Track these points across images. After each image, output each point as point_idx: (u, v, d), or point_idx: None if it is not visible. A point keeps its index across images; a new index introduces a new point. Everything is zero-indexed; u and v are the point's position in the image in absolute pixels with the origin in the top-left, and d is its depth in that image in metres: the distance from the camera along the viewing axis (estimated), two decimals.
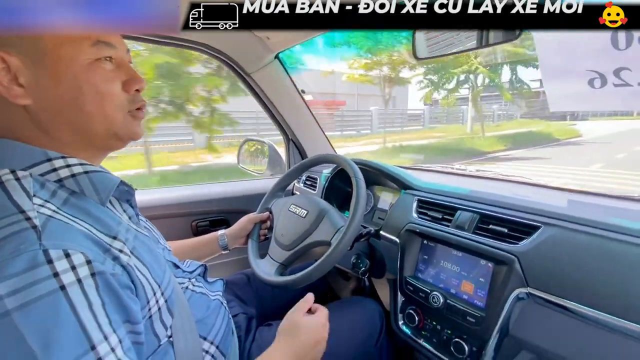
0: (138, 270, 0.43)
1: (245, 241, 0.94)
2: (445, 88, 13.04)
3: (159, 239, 0.64)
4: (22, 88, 0.40)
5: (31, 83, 0.41)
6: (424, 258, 0.82)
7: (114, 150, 0.51)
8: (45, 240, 0.34)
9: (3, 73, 0.39)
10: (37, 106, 0.41)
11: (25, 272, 0.32)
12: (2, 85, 0.39)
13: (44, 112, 0.42)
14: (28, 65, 0.40)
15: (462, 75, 12.40)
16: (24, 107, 0.41)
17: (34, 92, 0.41)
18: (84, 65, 0.43)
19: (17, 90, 0.40)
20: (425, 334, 0.79)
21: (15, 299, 0.30)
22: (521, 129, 14.92)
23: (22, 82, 0.40)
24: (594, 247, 0.58)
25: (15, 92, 0.40)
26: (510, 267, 0.64)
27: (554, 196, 0.88)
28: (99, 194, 0.44)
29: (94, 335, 0.33)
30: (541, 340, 0.59)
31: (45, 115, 0.42)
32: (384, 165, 1.06)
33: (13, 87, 0.40)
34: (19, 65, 0.40)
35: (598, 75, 0.64)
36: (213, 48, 1.13)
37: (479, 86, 12.87)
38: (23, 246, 0.33)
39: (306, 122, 1.44)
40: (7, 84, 0.39)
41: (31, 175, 0.40)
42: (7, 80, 0.39)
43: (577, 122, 20.62)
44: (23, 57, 0.40)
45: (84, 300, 0.33)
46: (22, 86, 0.40)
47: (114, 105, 0.46)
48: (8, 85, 0.40)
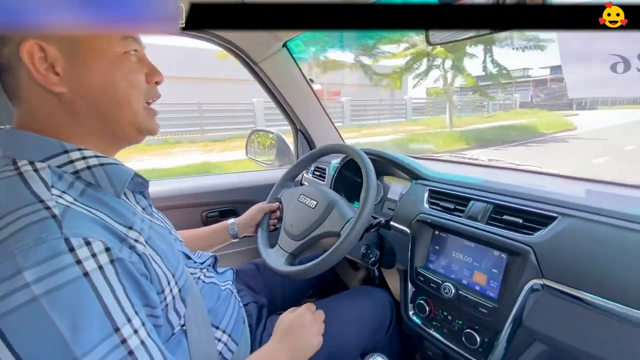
0: (153, 260, 0.44)
1: (255, 230, 0.94)
2: (418, 75, 11.44)
3: (170, 230, 0.65)
4: (58, 76, 0.41)
5: (67, 72, 0.42)
6: (435, 249, 0.81)
7: (131, 144, 0.52)
8: (65, 229, 0.34)
9: (41, 61, 0.40)
10: (72, 94, 0.43)
11: (49, 259, 0.32)
12: (40, 73, 0.40)
13: (79, 99, 0.43)
14: (65, 55, 0.41)
15: (428, 60, 11.19)
16: (57, 95, 0.42)
17: (69, 80, 0.42)
18: (115, 57, 0.45)
19: (53, 78, 0.41)
20: (436, 324, 0.78)
21: (42, 285, 0.31)
22: (508, 121, 13.87)
23: (58, 71, 0.41)
24: (613, 238, 0.56)
25: (52, 80, 0.41)
26: (525, 258, 0.63)
27: (570, 186, 0.86)
28: (114, 186, 0.45)
29: (117, 318, 0.34)
30: (556, 332, 0.59)
31: (79, 103, 0.44)
32: (395, 155, 1.04)
33: (50, 75, 0.41)
34: (56, 54, 0.41)
35: (621, 59, 0.61)
36: (220, 37, 1.11)
37: (446, 71, 11.54)
38: (45, 235, 0.33)
39: (314, 112, 1.43)
40: (45, 72, 0.41)
41: (49, 167, 0.40)
42: (44, 69, 0.40)
43: (582, 111, 19.92)
44: (60, 46, 0.41)
45: (106, 286, 0.35)
46: (58, 74, 0.41)
47: (139, 95, 0.48)
48: (45, 74, 0.41)
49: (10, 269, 0.31)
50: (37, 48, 0.39)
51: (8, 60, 0.41)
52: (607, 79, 0.64)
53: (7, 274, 0.31)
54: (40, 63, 0.40)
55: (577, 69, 0.67)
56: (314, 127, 1.45)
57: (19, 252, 0.32)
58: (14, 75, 0.42)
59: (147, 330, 0.38)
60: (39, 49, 0.40)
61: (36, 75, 0.40)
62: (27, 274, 0.31)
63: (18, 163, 0.39)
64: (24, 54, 0.39)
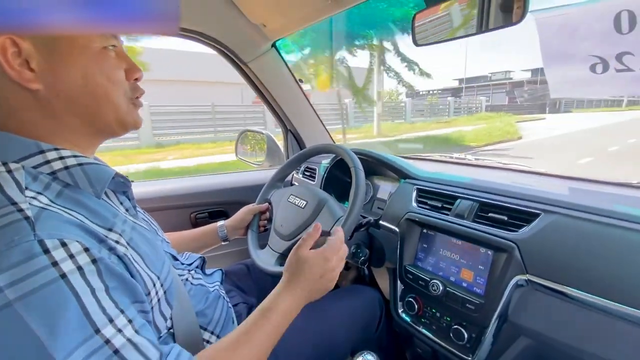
0: (135, 261, 0.43)
1: (244, 232, 0.94)
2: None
3: (157, 231, 0.64)
4: (33, 73, 0.40)
5: (43, 68, 0.40)
6: (424, 247, 0.82)
7: (113, 137, 0.51)
8: (39, 231, 0.33)
9: (14, 57, 0.39)
10: (48, 91, 0.41)
11: (23, 263, 0.31)
12: (14, 69, 0.39)
13: (55, 97, 0.42)
14: (40, 51, 0.40)
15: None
16: (33, 92, 0.41)
17: (45, 77, 0.41)
18: (94, 52, 0.44)
19: (28, 75, 0.40)
20: (424, 321, 0.79)
21: (15, 289, 0.30)
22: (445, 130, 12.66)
23: (33, 67, 0.40)
24: (594, 233, 0.58)
25: (27, 76, 0.40)
26: (510, 255, 0.64)
27: (555, 184, 0.88)
28: (94, 186, 0.44)
29: (97, 319, 0.34)
30: (540, 326, 0.60)
31: (56, 101, 0.42)
32: (383, 155, 1.05)
33: (24, 71, 0.40)
34: (31, 49, 0.39)
35: (600, 60, 0.63)
36: (208, 36, 1.10)
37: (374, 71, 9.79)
38: (17, 237, 0.32)
39: (304, 112, 1.43)
40: (19, 68, 0.39)
41: (23, 168, 0.39)
42: (17, 64, 0.39)
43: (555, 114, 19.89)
44: (35, 42, 0.40)
45: (85, 286, 0.34)
46: (32, 71, 0.40)
47: (119, 91, 0.47)
48: (20, 69, 0.39)
49: None
50: (9, 42, 0.38)
51: None
52: (587, 79, 0.66)
53: None
54: (14, 58, 0.39)
55: (558, 69, 0.69)
56: (304, 128, 1.45)
57: None
58: None
59: (135, 327, 0.37)
60: (12, 44, 0.38)
61: (9, 71, 0.39)
62: (0, 279, 0.30)
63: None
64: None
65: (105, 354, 0.33)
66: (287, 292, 0.56)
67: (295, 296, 0.56)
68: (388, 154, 1.07)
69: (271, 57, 1.22)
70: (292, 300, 0.55)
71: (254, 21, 1.05)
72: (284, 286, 0.57)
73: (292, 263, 0.60)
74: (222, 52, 1.18)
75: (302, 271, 0.58)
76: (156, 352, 0.38)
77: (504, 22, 0.67)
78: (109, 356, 0.33)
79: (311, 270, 0.58)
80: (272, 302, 0.55)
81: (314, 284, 0.58)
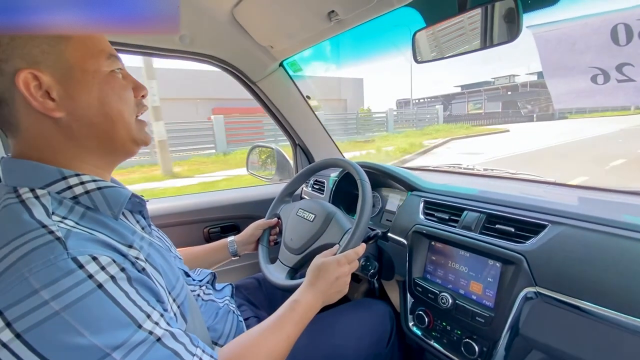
0: (153, 277, 0.45)
1: (254, 247, 0.96)
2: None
3: (170, 248, 0.66)
4: (54, 102, 0.44)
5: (62, 96, 0.44)
6: (432, 259, 0.82)
7: (128, 157, 0.54)
8: (70, 249, 0.37)
9: (36, 89, 0.42)
10: (69, 117, 0.45)
11: (63, 278, 0.35)
12: (37, 100, 0.42)
13: (75, 121, 0.46)
14: (58, 80, 0.44)
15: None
16: (55, 120, 0.44)
17: (65, 104, 0.44)
18: (105, 76, 0.47)
19: (50, 104, 0.43)
20: (435, 334, 0.79)
21: (59, 301, 0.34)
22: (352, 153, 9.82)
23: (54, 97, 0.44)
24: (603, 245, 0.57)
25: (49, 106, 0.43)
26: (518, 267, 0.64)
27: (563, 193, 0.87)
28: (112, 209, 0.47)
29: (137, 317, 0.38)
30: (552, 340, 0.59)
31: (76, 125, 0.46)
32: (390, 167, 1.06)
33: (47, 101, 0.43)
34: (50, 81, 0.43)
35: (600, 71, 0.64)
36: (218, 59, 1.16)
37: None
38: (53, 257, 0.35)
39: (312, 127, 1.46)
40: (42, 99, 0.43)
41: (49, 194, 0.42)
42: (40, 96, 0.43)
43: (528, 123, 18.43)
44: (53, 73, 0.43)
45: (120, 291, 0.38)
46: (54, 100, 0.44)
47: (130, 110, 0.51)
48: (42, 100, 0.43)
49: (24, 291, 0.33)
50: (31, 77, 0.41)
51: (2, 93, 0.42)
52: (589, 90, 0.67)
53: (22, 295, 0.33)
54: (36, 91, 0.42)
55: (560, 81, 0.70)
56: (312, 142, 1.48)
57: (30, 275, 0.34)
58: (9, 107, 0.43)
59: (166, 319, 0.41)
60: (33, 78, 0.42)
61: (34, 103, 0.42)
62: (44, 293, 0.33)
63: (19, 190, 0.42)
64: (20, 84, 0.41)
65: (149, 342, 0.37)
66: (309, 289, 0.64)
67: (317, 293, 0.64)
68: (394, 167, 1.08)
69: (279, 76, 1.27)
70: (314, 297, 0.63)
71: (261, 43, 1.10)
72: (307, 285, 0.65)
73: (313, 266, 0.68)
74: (233, 73, 1.24)
75: (320, 273, 0.66)
76: (188, 338, 0.43)
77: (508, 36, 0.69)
78: (152, 344, 0.38)
79: (327, 273, 0.66)
80: (299, 295, 0.63)
81: (330, 286, 0.66)
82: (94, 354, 0.34)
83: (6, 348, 0.32)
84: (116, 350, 0.34)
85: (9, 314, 0.32)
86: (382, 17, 0.85)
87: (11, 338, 0.32)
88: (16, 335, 0.32)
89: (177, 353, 0.39)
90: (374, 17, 0.85)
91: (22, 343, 0.32)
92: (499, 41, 0.69)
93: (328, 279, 0.65)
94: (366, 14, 0.84)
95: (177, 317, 0.49)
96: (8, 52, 0.41)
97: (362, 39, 10.80)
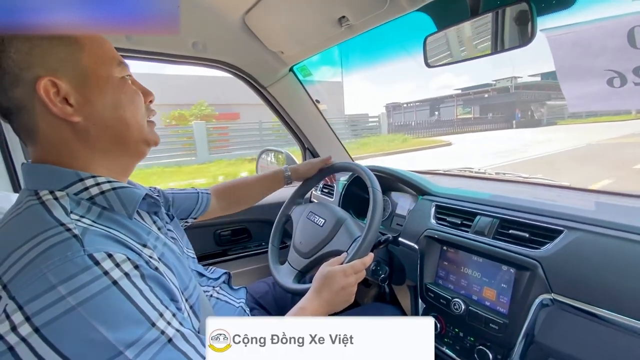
0: (166, 276, 0.46)
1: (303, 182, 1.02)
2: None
3: (184, 248, 0.68)
4: (72, 107, 0.45)
5: (80, 102, 0.46)
6: (444, 264, 0.81)
7: (141, 158, 0.56)
8: (87, 247, 0.38)
9: (55, 96, 0.44)
10: (86, 122, 0.47)
11: (79, 274, 0.36)
12: (57, 106, 0.44)
13: (92, 125, 0.47)
14: (75, 87, 0.45)
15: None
16: (73, 124, 0.46)
17: (82, 109, 0.46)
18: (117, 81, 0.49)
19: (68, 110, 0.45)
20: (447, 341, 0.78)
21: (76, 296, 0.35)
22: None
23: (72, 102, 0.45)
24: (619, 251, 0.56)
25: (68, 111, 0.45)
26: (533, 273, 0.63)
27: (579, 198, 0.85)
28: (126, 208, 0.48)
29: (151, 314, 0.38)
30: (569, 348, 0.58)
31: (93, 129, 0.48)
32: (400, 171, 1.06)
33: (65, 107, 0.45)
34: (68, 87, 0.45)
35: (617, 74, 0.63)
36: (230, 65, 1.18)
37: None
38: (70, 253, 0.37)
39: (322, 131, 1.47)
40: (61, 105, 0.45)
41: (68, 195, 0.44)
42: (59, 102, 0.45)
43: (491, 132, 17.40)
44: (70, 80, 0.45)
45: (134, 289, 0.38)
46: (72, 105, 0.45)
47: (141, 113, 0.53)
48: (62, 106, 0.45)
49: (43, 286, 0.35)
50: (50, 84, 0.43)
51: (22, 101, 0.44)
52: (605, 93, 0.65)
53: (40, 290, 0.34)
54: (55, 97, 0.44)
55: (575, 84, 0.69)
56: (321, 146, 1.49)
57: (48, 271, 0.35)
58: (29, 114, 0.45)
59: (179, 319, 0.42)
60: (52, 85, 0.44)
61: (54, 109, 0.44)
62: (61, 288, 0.34)
63: (40, 193, 0.43)
64: (41, 91, 0.43)
65: (161, 343, 0.38)
66: (315, 297, 0.64)
67: (322, 302, 0.63)
68: (405, 170, 1.08)
69: (289, 81, 1.28)
70: (319, 305, 0.63)
71: (272, 49, 1.11)
72: (313, 292, 0.65)
73: (320, 275, 0.67)
74: (244, 79, 1.25)
75: (326, 282, 0.65)
76: (198, 340, 0.42)
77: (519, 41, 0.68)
78: (164, 344, 0.38)
79: (333, 283, 0.65)
80: (305, 302, 0.63)
81: (336, 296, 0.64)
82: (107, 350, 0.34)
83: (25, 342, 0.33)
84: (129, 349, 0.35)
85: (29, 308, 0.34)
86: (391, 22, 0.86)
87: (30, 332, 0.33)
88: (35, 329, 0.33)
89: (187, 355, 0.40)
90: (385, 22, 0.85)
91: (40, 337, 0.33)
92: (510, 45, 0.69)
93: (334, 288, 0.64)
94: (377, 19, 0.84)
95: (190, 316, 0.50)
96: (28, 61, 0.43)
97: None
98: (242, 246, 1.42)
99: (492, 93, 28.33)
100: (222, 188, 0.96)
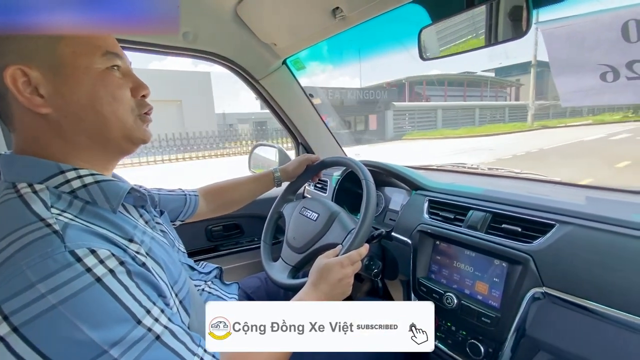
0: (154, 270, 0.45)
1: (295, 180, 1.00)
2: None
3: (174, 241, 0.66)
4: (42, 98, 0.43)
5: (51, 93, 0.43)
6: (437, 259, 0.81)
7: (126, 155, 0.53)
8: (68, 242, 0.36)
9: (25, 85, 0.42)
10: (57, 114, 0.44)
11: (59, 271, 0.34)
12: (24, 96, 0.42)
13: (64, 118, 0.45)
14: (47, 77, 0.43)
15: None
16: (44, 116, 0.44)
17: (53, 101, 0.44)
18: (98, 73, 0.46)
19: (37, 100, 0.43)
20: (440, 335, 0.78)
21: (57, 295, 0.33)
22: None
23: (42, 93, 0.43)
24: (611, 245, 0.56)
25: (36, 102, 0.43)
26: (525, 267, 0.63)
27: (571, 193, 0.86)
28: (110, 202, 0.46)
29: (137, 312, 0.37)
30: (560, 341, 0.58)
31: (65, 122, 0.45)
32: (394, 166, 1.05)
33: (34, 98, 0.42)
34: (39, 77, 0.42)
35: (610, 68, 0.63)
36: (221, 56, 1.15)
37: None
38: (50, 249, 0.35)
39: (315, 125, 1.45)
40: (29, 95, 0.42)
41: (47, 188, 0.42)
42: (28, 92, 0.42)
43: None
44: (42, 70, 0.43)
45: (119, 286, 0.37)
46: (42, 96, 0.43)
47: (125, 108, 0.49)
48: (30, 96, 0.42)
49: (22, 283, 0.33)
50: (19, 73, 0.41)
51: (0, 88, 0.42)
52: (598, 87, 0.65)
53: (19, 288, 0.33)
54: (24, 87, 0.42)
55: (568, 79, 0.68)
56: (315, 141, 1.47)
57: (27, 268, 0.33)
58: (6, 102, 0.43)
59: (167, 316, 0.40)
60: (22, 74, 0.41)
61: (21, 99, 0.42)
62: (41, 286, 0.33)
63: (18, 186, 0.41)
64: (7, 80, 0.41)
65: (148, 340, 0.37)
66: (312, 290, 0.63)
67: (319, 295, 0.62)
68: (398, 165, 1.07)
69: (282, 74, 1.26)
70: (317, 297, 0.62)
71: (265, 41, 1.09)
72: (310, 286, 0.64)
73: (316, 267, 0.66)
74: (236, 71, 1.23)
75: (323, 275, 0.64)
76: (189, 337, 0.42)
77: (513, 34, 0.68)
78: (151, 342, 0.37)
79: (330, 275, 0.64)
80: (302, 296, 0.62)
81: (333, 288, 0.64)
82: (91, 350, 0.33)
83: (3, 342, 0.32)
84: (114, 347, 0.34)
85: (6, 307, 0.32)
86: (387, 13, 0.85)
87: (8, 332, 0.32)
88: (13, 329, 0.32)
89: (177, 353, 0.39)
90: (380, 13, 0.84)
91: (19, 337, 0.32)
92: (505, 38, 0.68)
93: (331, 280, 0.63)
94: (371, 10, 0.83)
95: (179, 311, 0.49)
96: (2, 48, 0.41)
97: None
98: (234, 242, 1.40)
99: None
100: (211, 189, 0.93)
